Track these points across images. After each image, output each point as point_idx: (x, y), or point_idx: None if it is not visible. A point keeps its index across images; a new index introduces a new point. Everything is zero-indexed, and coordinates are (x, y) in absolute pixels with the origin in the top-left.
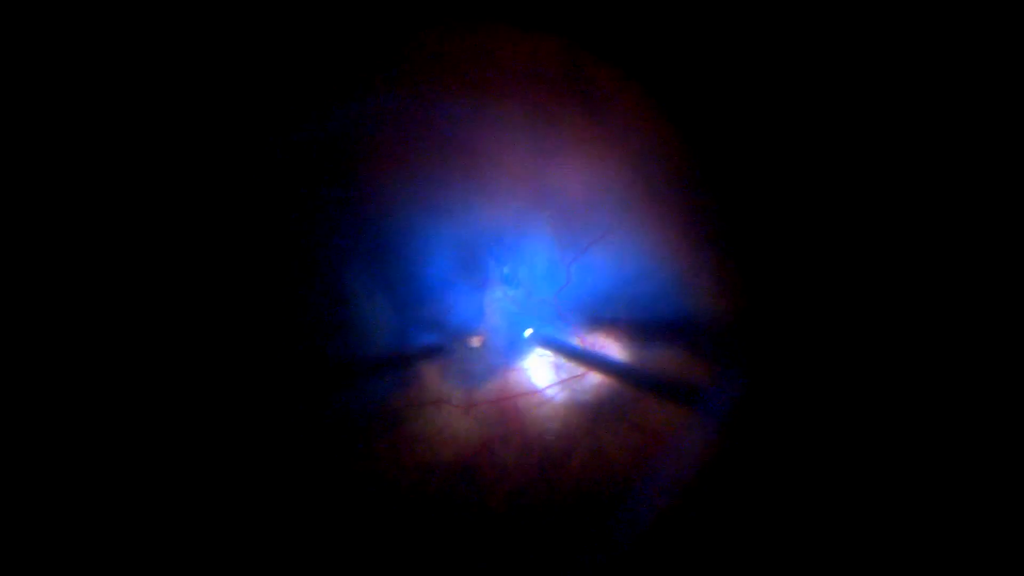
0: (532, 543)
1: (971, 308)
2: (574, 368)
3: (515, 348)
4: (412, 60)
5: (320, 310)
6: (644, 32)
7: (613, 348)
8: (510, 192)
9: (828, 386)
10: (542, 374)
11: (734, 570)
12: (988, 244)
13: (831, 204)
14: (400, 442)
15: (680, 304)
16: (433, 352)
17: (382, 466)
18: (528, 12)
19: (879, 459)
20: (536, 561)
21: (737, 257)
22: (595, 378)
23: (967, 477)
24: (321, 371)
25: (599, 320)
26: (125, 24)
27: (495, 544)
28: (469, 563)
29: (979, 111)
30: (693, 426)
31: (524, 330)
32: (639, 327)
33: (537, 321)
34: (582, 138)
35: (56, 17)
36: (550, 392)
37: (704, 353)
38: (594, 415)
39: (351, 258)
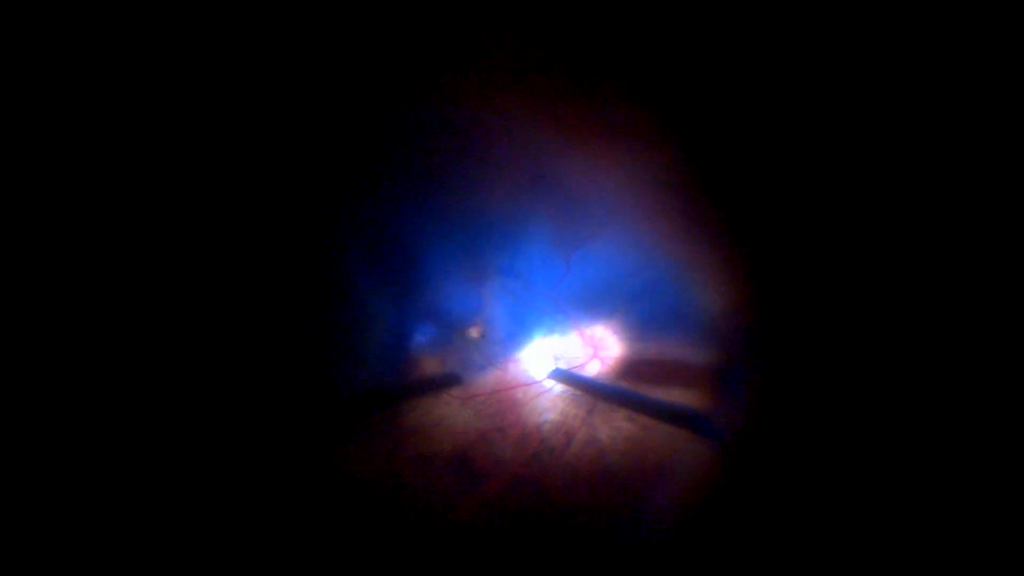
0: (528, 534)
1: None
2: (572, 360)
3: (513, 340)
4: (419, 67)
5: (323, 303)
6: (642, 33)
7: (611, 340)
8: (510, 187)
9: (837, 386)
10: (540, 365)
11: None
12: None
13: (835, 198)
14: (398, 433)
15: (680, 297)
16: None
17: (379, 458)
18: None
19: (891, 463)
20: (532, 552)
21: (741, 251)
22: (592, 369)
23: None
24: (322, 365)
25: (598, 312)
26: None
27: (491, 534)
28: (466, 554)
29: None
30: (692, 421)
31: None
32: (638, 319)
33: (536, 313)
34: (581, 134)
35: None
36: (547, 383)
37: (705, 346)
38: (590, 406)
39: (355, 250)
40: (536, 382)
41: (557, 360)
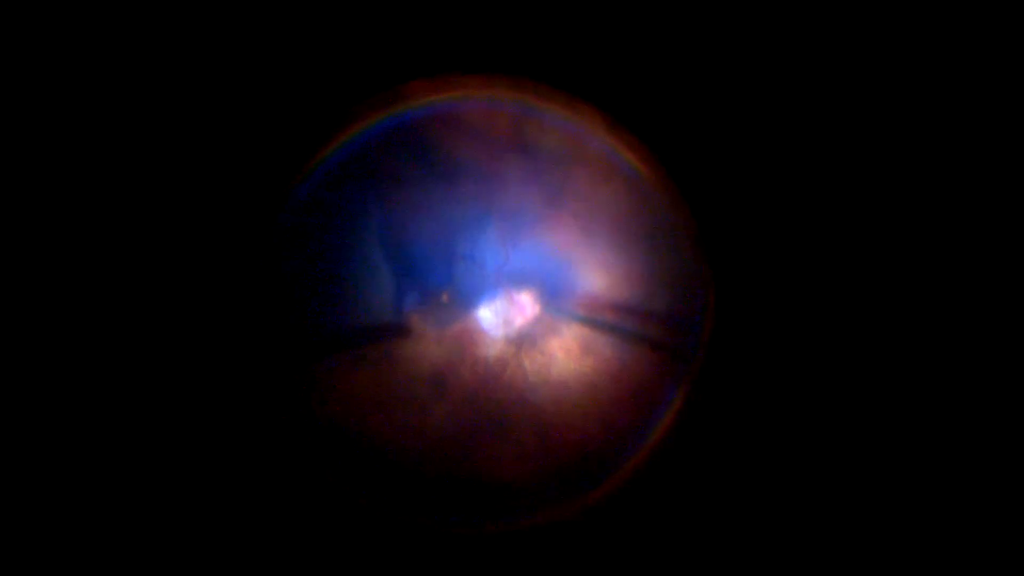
0: (481, 425)
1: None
2: (510, 316)
3: (471, 303)
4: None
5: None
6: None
7: (529, 305)
8: (471, 207)
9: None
10: (488, 319)
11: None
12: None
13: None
14: (393, 360)
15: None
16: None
17: (381, 374)
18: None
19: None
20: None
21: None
22: (519, 322)
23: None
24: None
25: (523, 285)
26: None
27: (457, 425)
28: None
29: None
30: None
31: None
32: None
33: (486, 286)
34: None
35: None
36: (493, 331)
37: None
38: (517, 343)
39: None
40: (485, 329)
41: (497, 315)
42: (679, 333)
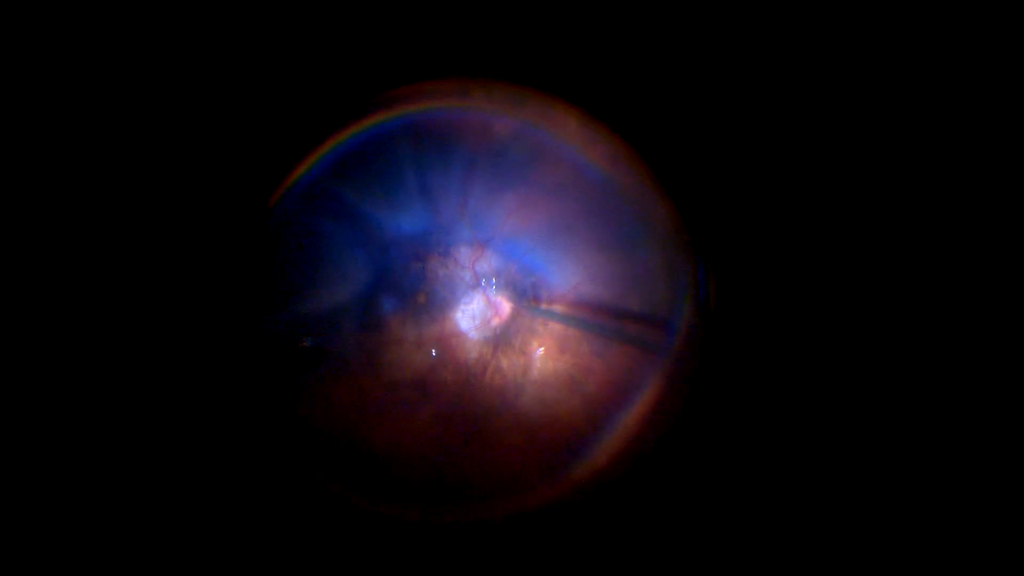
0: (467, 427)
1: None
2: (487, 318)
3: (447, 305)
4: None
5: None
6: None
7: (505, 305)
8: (445, 204)
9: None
10: (465, 322)
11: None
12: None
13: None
14: (374, 367)
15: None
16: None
17: (364, 381)
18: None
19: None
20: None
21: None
22: (495, 322)
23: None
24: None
25: (499, 286)
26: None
27: (443, 428)
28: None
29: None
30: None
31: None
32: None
33: (461, 287)
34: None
35: None
36: (471, 333)
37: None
38: (494, 345)
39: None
40: (463, 331)
41: (474, 316)
42: (654, 326)
